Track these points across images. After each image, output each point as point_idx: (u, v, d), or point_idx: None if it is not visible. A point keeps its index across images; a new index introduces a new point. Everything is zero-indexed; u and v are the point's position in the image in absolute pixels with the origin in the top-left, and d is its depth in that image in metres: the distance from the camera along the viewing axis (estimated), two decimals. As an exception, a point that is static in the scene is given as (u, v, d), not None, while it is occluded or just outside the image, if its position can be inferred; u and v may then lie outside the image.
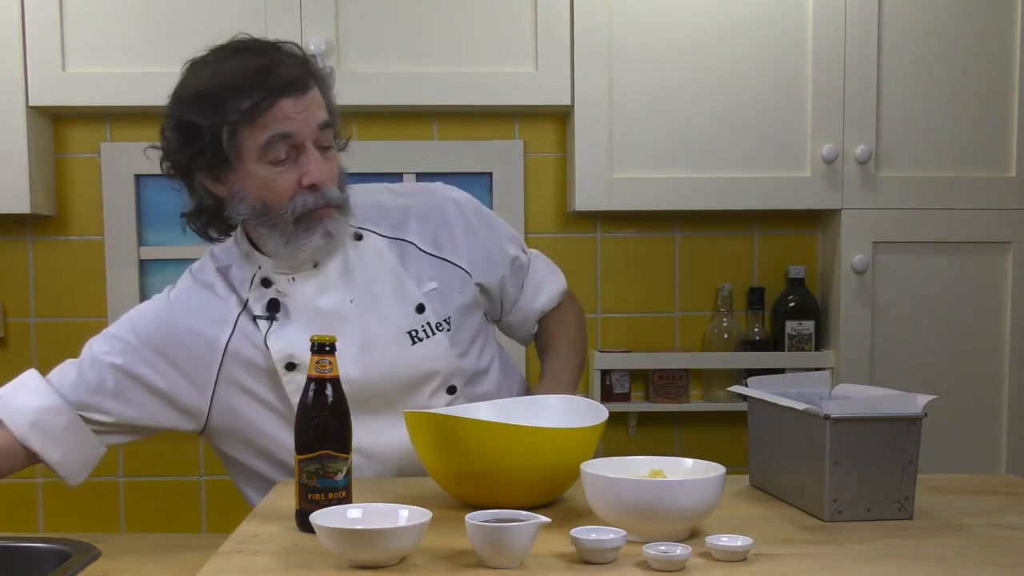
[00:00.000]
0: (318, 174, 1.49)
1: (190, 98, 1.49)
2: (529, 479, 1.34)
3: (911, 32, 2.22)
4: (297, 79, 1.48)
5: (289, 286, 1.57)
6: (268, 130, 1.46)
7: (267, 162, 1.48)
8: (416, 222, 1.66)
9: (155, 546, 1.57)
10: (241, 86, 1.45)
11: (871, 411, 1.33)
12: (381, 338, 1.57)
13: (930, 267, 2.26)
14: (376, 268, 1.60)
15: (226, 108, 1.46)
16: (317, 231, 1.51)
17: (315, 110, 1.50)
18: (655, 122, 2.21)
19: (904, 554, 1.19)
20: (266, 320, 1.56)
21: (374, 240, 1.62)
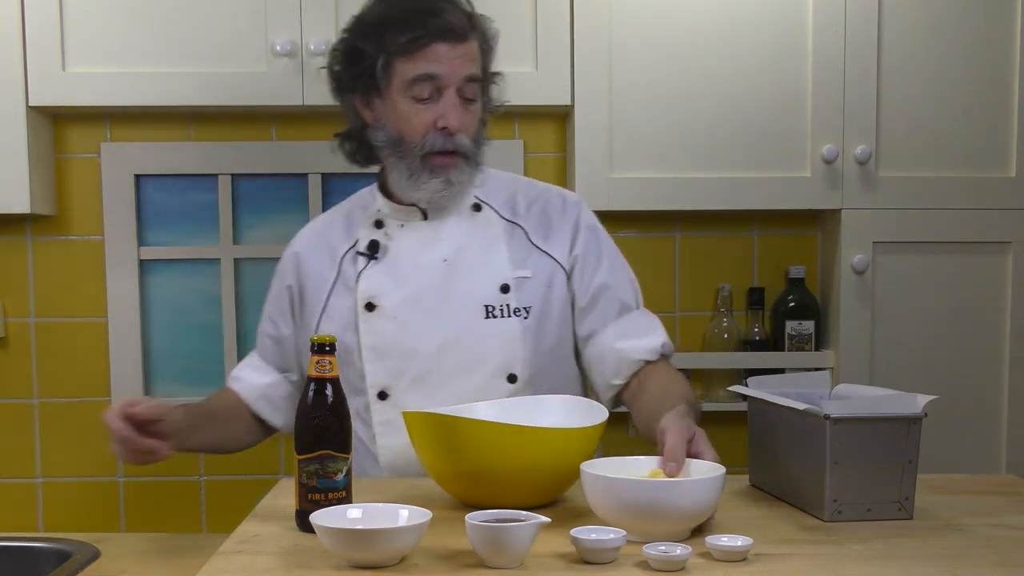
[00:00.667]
0: (452, 119, 1.60)
1: (362, 24, 1.64)
2: (529, 479, 1.34)
3: (911, 32, 2.22)
4: (456, 28, 1.59)
5: (397, 231, 1.69)
6: (417, 67, 1.58)
7: (410, 97, 1.60)
8: (537, 212, 1.73)
9: (155, 546, 1.57)
10: (404, 22, 1.58)
11: (871, 411, 1.33)
12: (457, 303, 1.64)
13: (930, 267, 2.26)
14: (480, 240, 1.68)
15: (386, 39, 1.59)
16: (439, 175, 1.62)
17: (466, 61, 1.61)
18: (655, 122, 2.21)
19: (904, 554, 1.19)
20: (365, 257, 1.68)
21: (490, 215, 1.71)
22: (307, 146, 2.35)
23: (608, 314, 1.72)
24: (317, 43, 2.11)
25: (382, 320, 1.65)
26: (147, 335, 2.37)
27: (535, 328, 1.67)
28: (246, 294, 2.38)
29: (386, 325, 1.64)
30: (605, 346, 1.70)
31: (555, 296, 1.70)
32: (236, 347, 2.37)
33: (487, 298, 1.64)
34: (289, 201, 2.38)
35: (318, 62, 2.13)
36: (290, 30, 2.13)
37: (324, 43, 2.11)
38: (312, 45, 2.11)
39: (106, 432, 1.45)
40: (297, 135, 2.36)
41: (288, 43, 2.11)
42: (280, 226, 2.37)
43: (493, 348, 1.64)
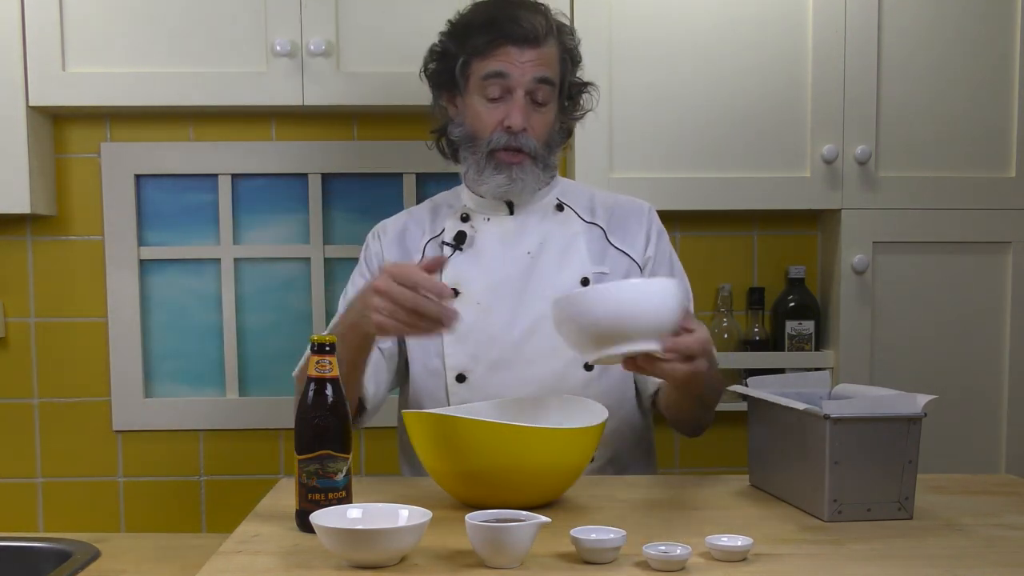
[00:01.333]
0: (517, 119, 1.68)
1: (451, 27, 1.76)
2: (529, 479, 1.34)
3: (911, 32, 2.22)
4: (529, 32, 1.67)
5: (483, 224, 1.77)
6: (488, 66, 1.68)
7: (482, 95, 1.70)
8: (615, 215, 1.82)
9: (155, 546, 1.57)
10: (482, 24, 1.69)
11: (871, 411, 1.33)
12: (539, 291, 1.71)
13: (930, 267, 2.26)
14: (562, 236, 1.77)
15: (466, 41, 1.70)
16: (503, 172, 1.71)
17: (538, 65, 1.69)
18: (655, 122, 2.21)
19: (904, 554, 1.19)
20: (451, 247, 1.76)
21: (571, 216, 1.80)
22: (307, 146, 2.35)
23: None
24: (317, 43, 2.11)
25: (465, 305, 1.70)
26: (147, 335, 2.37)
27: None
28: (246, 294, 2.38)
29: (469, 310, 1.69)
30: None
31: None
32: (236, 347, 2.37)
33: (567, 290, 1.70)
34: (289, 201, 2.38)
35: (318, 62, 2.13)
36: (290, 30, 2.13)
37: (324, 43, 2.11)
38: (312, 45, 2.11)
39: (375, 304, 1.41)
40: (297, 135, 2.36)
41: (288, 43, 2.11)
42: (280, 226, 2.37)
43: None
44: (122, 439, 2.38)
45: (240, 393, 2.38)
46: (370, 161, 2.36)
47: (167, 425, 2.37)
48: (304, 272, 2.37)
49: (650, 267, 1.80)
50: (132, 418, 2.36)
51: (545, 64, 1.70)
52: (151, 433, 2.37)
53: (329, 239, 2.37)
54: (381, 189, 2.38)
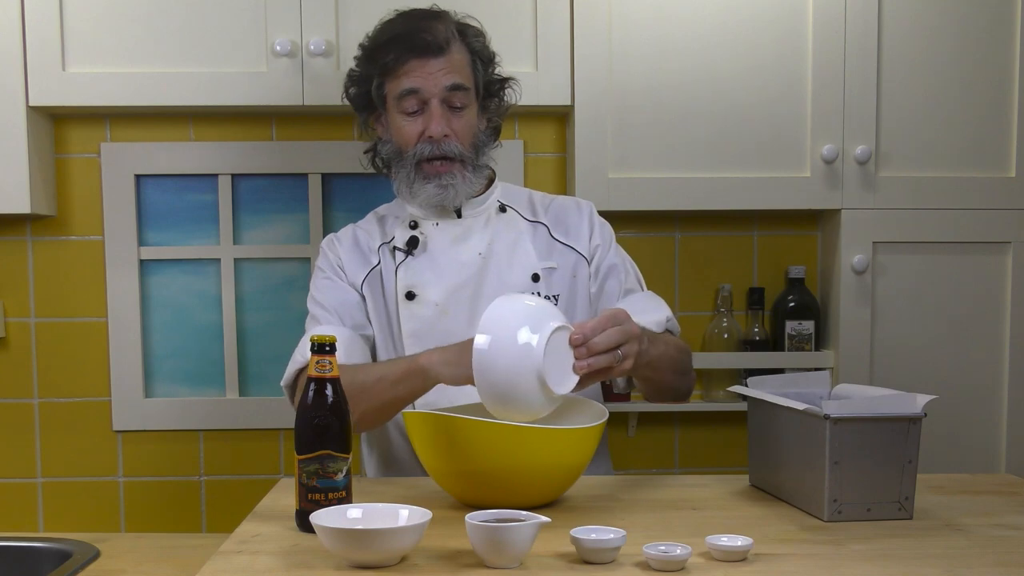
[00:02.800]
0: (435, 128, 1.72)
1: (364, 49, 1.80)
2: (529, 479, 1.34)
3: (911, 32, 2.22)
4: (433, 43, 1.71)
5: (432, 229, 1.81)
6: (400, 84, 1.73)
7: (400, 111, 1.75)
8: (554, 211, 1.87)
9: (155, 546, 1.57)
10: (386, 43, 1.73)
11: (871, 411, 1.33)
12: (493, 292, 1.72)
13: (930, 267, 2.26)
14: (509, 236, 1.81)
15: (376, 61, 1.75)
16: (432, 181, 1.75)
17: (448, 73, 1.72)
18: (655, 122, 2.20)
19: (904, 554, 1.19)
20: (403, 253, 1.80)
21: (514, 216, 1.85)
22: (307, 146, 2.35)
23: (613, 292, 1.83)
24: (317, 43, 2.11)
25: (422, 307, 1.76)
26: (147, 335, 2.37)
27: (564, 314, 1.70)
28: (246, 294, 2.38)
29: (426, 312, 1.76)
30: None
31: (580, 284, 1.83)
32: (236, 347, 2.37)
33: (520, 287, 1.77)
34: (289, 201, 2.38)
35: (318, 62, 2.13)
36: (290, 30, 2.13)
37: (324, 43, 2.11)
38: (312, 45, 2.11)
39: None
40: (297, 135, 2.36)
41: (288, 43, 2.11)
42: (280, 226, 2.37)
43: None
44: (122, 439, 2.38)
45: (240, 393, 2.38)
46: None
47: (167, 425, 2.37)
48: (304, 272, 2.37)
49: (598, 255, 1.84)
50: (132, 418, 2.36)
51: (454, 70, 1.73)
52: (151, 433, 2.37)
53: (329, 239, 2.37)
54: (380, 189, 2.37)
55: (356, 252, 1.84)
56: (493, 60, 1.83)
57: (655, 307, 1.81)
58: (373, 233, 1.86)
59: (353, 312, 1.79)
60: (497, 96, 1.85)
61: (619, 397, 2.37)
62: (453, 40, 1.75)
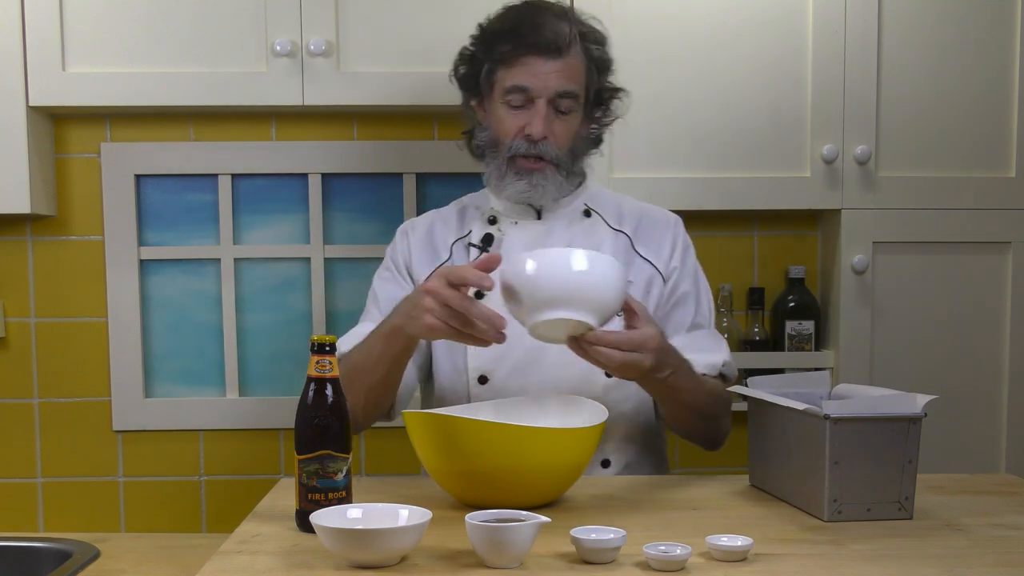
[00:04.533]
0: (537, 128, 1.68)
1: (481, 32, 1.75)
2: (529, 479, 1.34)
3: (911, 32, 2.22)
4: (552, 43, 1.67)
5: (511, 227, 1.77)
6: (512, 77, 1.68)
7: (505, 103, 1.70)
8: (642, 224, 1.82)
9: (155, 546, 1.57)
10: (507, 33, 1.69)
11: (871, 411, 1.33)
12: None
13: (930, 267, 2.26)
14: (589, 242, 1.76)
15: (492, 48, 1.70)
16: (524, 178, 1.71)
17: (560, 76, 1.68)
18: (655, 122, 2.20)
19: (904, 554, 1.19)
20: (477, 249, 1.76)
21: (598, 222, 1.80)
22: (307, 146, 2.35)
23: (681, 323, 1.78)
24: (317, 43, 2.11)
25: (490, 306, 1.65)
26: (147, 335, 2.37)
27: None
28: (246, 294, 2.38)
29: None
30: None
31: (652, 301, 1.77)
32: (236, 347, 2.37)
33: None
34: (289, 201, 2.38)
35: (318, 62, 2.13)
36: (290, 30, 2.13)
37: (324, 43, 2.11)
38: (312, 45, 2.11)
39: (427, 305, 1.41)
40: (297, 135, 2.36)
41: (288, 43, 2.11)
42: (280, 226, 2.37)
43: None
44: (122, 439, 2.38)
45: (240, 393, 2.38)
46: (370, 161, 2.36)
47: (167, 425, 2.37)
48: (304, 272, 2.37)
49: (674, 277, 1.79)
50: (132, 418, 2.36)
51: (568, 75, 1.69)
52: (151, 433, 2.37)
53: (329, 239, 2.37)
54: (381, 189, 2.38)
55: (427, 246, 1.80)
56: (609, 68, 1.78)
57: (715, 348, 1.76)
58: (450, 224, 1.82)
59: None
60: (605, 104, 1.80)
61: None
62: (574, 43, 1.70)
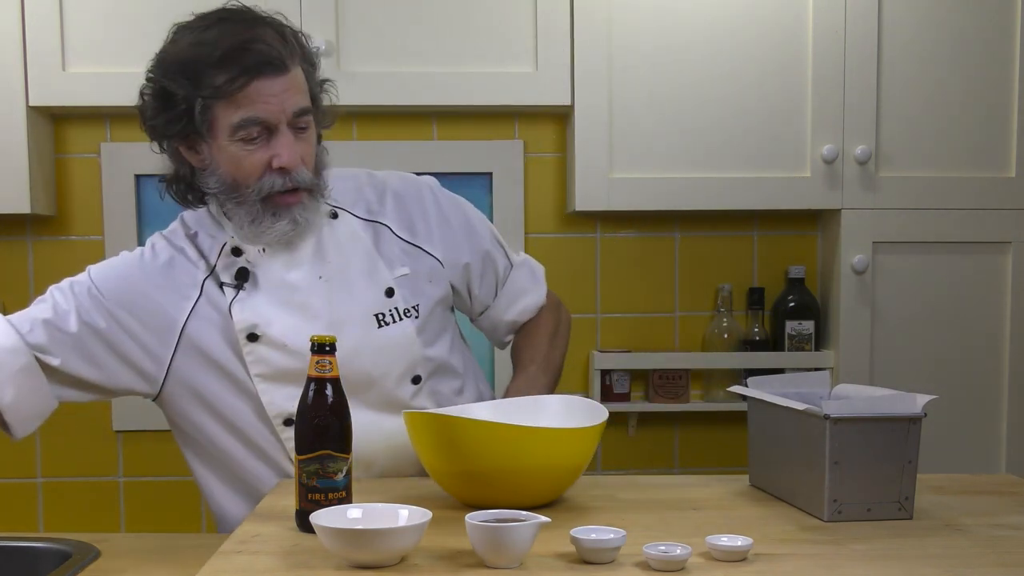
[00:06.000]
0: (288, 157, 1.47)
1: (168, 65, 1.47)
2: (529, 479, 1.34)
3: (911, 32, 2.22)
4: (275, 59, 1.44)
5: (259, 257, 1.55)
6: (241, 111, 1.44)
7: (238, 140, 1.46)
8: (393, 205, 1.65)
9: (155, 546, 1.57)
10: (217, 61, 1.43)
11: (871, 411, 1.33)
12: (348, 318, 1.55)
13: (930, 267, 2.26)
14: (349, 248, 1.59)
15: (201, 81, 1.43)
16: (284, 217, 1.50)
17: (293, 93, 1.47)
18: (655, 122, 2.21)
19: (904, 554, 1.19)
20: (233, 288, 1.55)
21: (349, 220, 1.61)
22: (307, 146, 2.35)
23: (489, 287, 1.73)
24: (317, 43, 2.11)
25: (269, 349, 1.54)
26: (147, 335, 2.37)
27: (428, 325, 1.62)
28: (246, 294, 2.38)
29: (274, 354, 1.53)
30: (496, 319, 1.76)
31: (438, 289, 1.65)
32: (236, 347, 2.36)
33: (375, 306, 1.57)
34: (289, 201, 2.37)
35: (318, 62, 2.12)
36: (290, 30, 2.13)
37: (324, 43, 2.11)
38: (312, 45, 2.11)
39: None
40: (297, 135, 2.35)
41: (288, 43, 2.11)
42: (280, 226, 2.37)
43: (394, 355, 1.58)
44: (122, 439, 2.38)
45: (240, 393, 2.38)
46: (370, 161, 2.35)
47: (167, 425, 2.36)
48: (304, 272, 2.37)
49: (454, 254, 1.66)
50: (132, 418, 2.36)
51: (299, 90, 1.48)
52: (151, 433, 2.37)
53: (329, 239, 2.37)
54: (381, 189, 2.37)
55: (167, 280, 1.57)
56: (315, 60, 1.55)
57: (530, 288, 1.76)
58: (191, 259, 1.58)
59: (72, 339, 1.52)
60: (320, 102, 1.57)
61: (619, 397, 2.37)
62: (289, 50, 1.48)
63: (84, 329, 1.54)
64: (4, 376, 1.49)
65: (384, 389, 1.58)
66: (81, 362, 1.55)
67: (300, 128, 1.50)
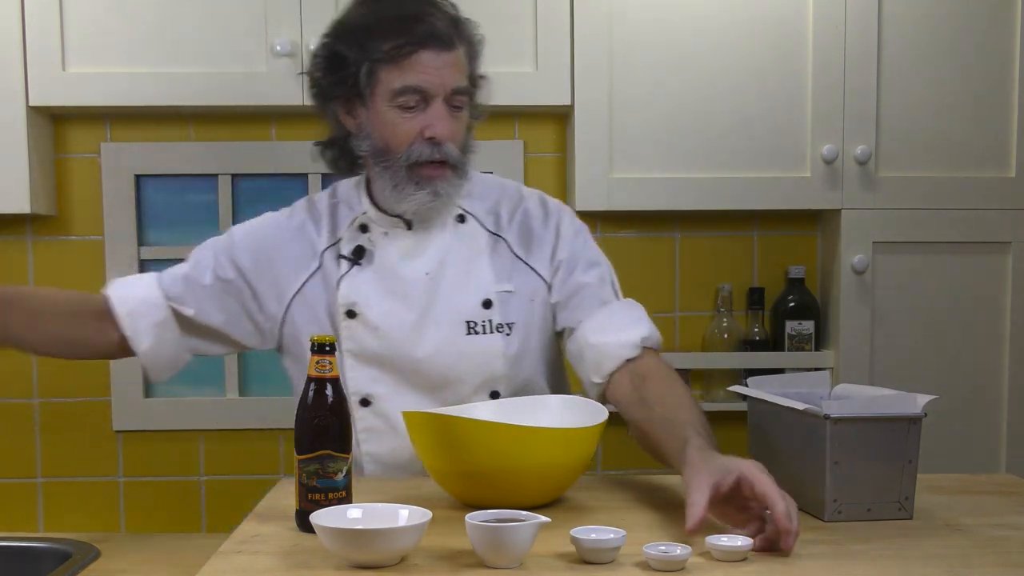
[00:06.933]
0: (440, 129, 1.54)
1: (343, 29, 1.57)
2: (529, 479, 1.34)
3: (911, 32, 2.22)
4: (443, 35, 1.53)
5: (381, 239, 1.63)
6: (403, 78, 1.52)
7: (395, 106, 1.54)
8: (519, 221, 1.68)
9: (155, 546, 1.57)
10: (388, 28, 1.52)
11: (871, 411, 1.33)
12: (439, 317, 1.61)
13: (930, 267, 2.26)
14: (463, 253, 1.64)
15: (370, 46, 1.52)
16: (426, 188, 1.56)
17: (454, 71, 1.55)
18: (655, 122, 2.21)
19: (904, 554, 1.19)
20: (348, 262, 1.63)
21: (475, 227, 1.66)
22: (307, 146, 2.31)
23: (584, 308, 1.64)
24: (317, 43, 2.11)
25: (363, 329, 1.61)
26: (147, 335, 2.36)
27: (518, 345, 1.63)
28: (246, 294, 2.38)
29: (367, 334, 1.61)
30: (582, 342, 1.62)
31: (537, 311, 1.65)
32: (236, 347, 2.37)
33: (469, 313, 1.61)
34: (289, 201, 2.35)
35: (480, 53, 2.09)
36: (290, 30, 2.13)
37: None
38: (312, 45, 2.09)
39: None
40: (297, 135, 2.35)
41: (288, 43, 2.11)
42: (280, 226, 2.37)
43: (474, 365, 1.61)
44: (122, 439, 2.38)
45: (240, 393, 2.38)
46: (370, 161, 2.36)
47: (167, 425, 2.37)
48: (304, 272, 2.37)
49: (561, 274, 1.65)
50: (132, 418, 2.36)
51: (459, 70, 1.56)
52: (151, 433, 2.37)
53: (329, 239, 2.37)
54: (381, 189, 2.37)
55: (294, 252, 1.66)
56: (480, 53, 1.64)
57: (629, 323, 1.61)
58: (322, 226, 1.67)
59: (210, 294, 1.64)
60: (476, 94, 1.64)
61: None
62: (459, 33, 1.56)
63: (217, 282, 1.66)
64: (142, 326, 1.63)
65: (459, 394, 1.61)
66: (213, 311, 1.65)
67: (455, 107, 1.57)
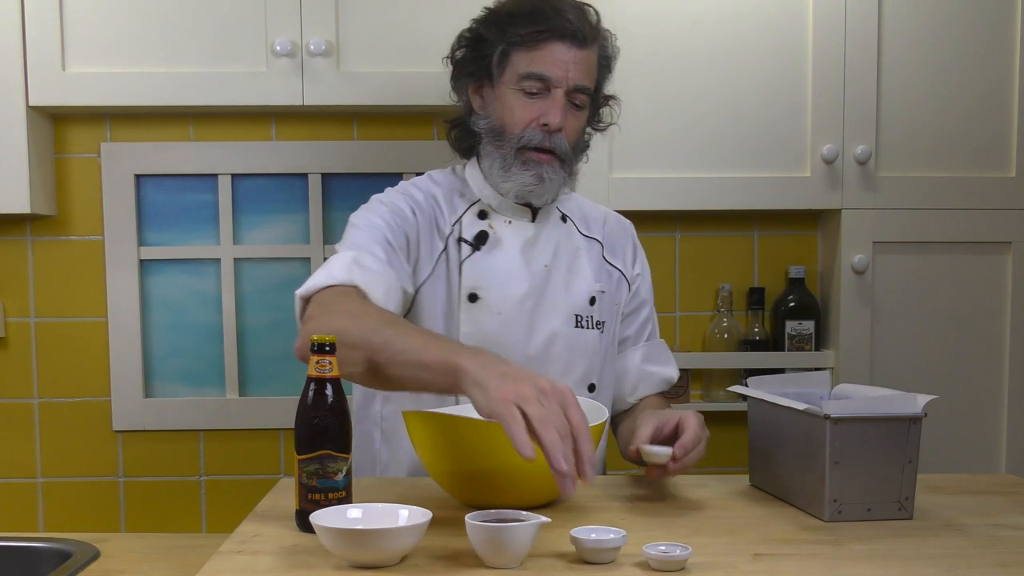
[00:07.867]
0: (555, 118, 1.59)
1: (489, 15, 1.65)
2: (529, 479, 1.34)
3: (911, 32, 2.22)
4: (578, 32, 1.59)
5: (503, 226, 1.68)
6: (531, 63, 1.59)
7: (519, 89, 1.61)
8: (607, 232, 1.79)
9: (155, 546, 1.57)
10: (528, 15, 1.59)
11: (871, 411, 1.33)
12: (555, 308, 1.67)
13: (930, 267, 2.26)
14: (570, 250, 1.72)
15: (509, 30, 1.60)
16: (531, 170, 1.62)
17: (581, 68, 1.61)
18: (655, 122, 2.21)
19: (904, 554, 1.19)
20: (470, 247, 1.66)
21: (572, 229, 1.75)
22: (307, 146, 2.35)
23: (642, 330, 1.81)
24: (317, 43, 2.11)
25: (485, 313, 1.64)
26: (147, 335, 2.37)
27: (608, 343, 1.74)
28: (246, 294, 2.38)
29: (488, 319, 1.64)
30: (632, 364, 1.79)
31: (616, 310, 1.77)
32: (236, 347, 2.37)
33: (578, 307, 1.69)
34: (289, 201, 2.38)
35: (318, 62, 2.13)
36: (290, 30, 2.13)
37: (324, 43, 2.11)
38: (312, 45, 2.11)
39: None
40: (297, 135, 2.36)
41: (288, 43, 2.11)
42: (280, 226, 2.37)
43: (580, 356, 1.69)
44: (122, 439, 2.38)
45: (240, 393, 2.38)
46: (370, 161, 2.36)
47: (167, 425, 2.37)
48: (304, 272, 2.37)
49: (637, 283, 1.80)
50: (132, 418, 2.36)
51: (587, 69, 1.62)
52: (151, 433, 2.37)
53: (329, 239, 2.37)
54: (381, 189, 2.36)
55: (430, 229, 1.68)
56: (612, 70, 1.71)
57: (669, 360, 1.83)
58: (445, 210, 1.69)
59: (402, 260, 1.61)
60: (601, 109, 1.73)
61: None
62: (595, 38, 1.63)
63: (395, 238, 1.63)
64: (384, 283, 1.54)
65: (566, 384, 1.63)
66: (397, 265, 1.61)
67: (575, 105, 1.63)
